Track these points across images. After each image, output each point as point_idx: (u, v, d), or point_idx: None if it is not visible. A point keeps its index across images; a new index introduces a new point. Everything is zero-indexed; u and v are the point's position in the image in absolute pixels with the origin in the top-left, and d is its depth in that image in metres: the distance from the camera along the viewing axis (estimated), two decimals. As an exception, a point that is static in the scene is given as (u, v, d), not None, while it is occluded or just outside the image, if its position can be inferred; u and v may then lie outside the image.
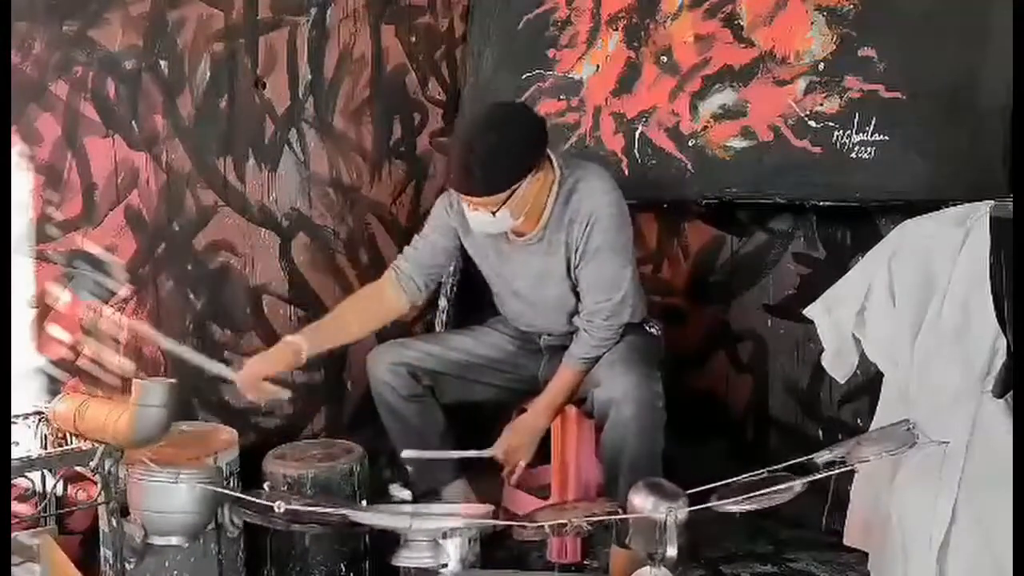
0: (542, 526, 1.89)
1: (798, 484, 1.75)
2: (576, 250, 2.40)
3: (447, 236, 2.54)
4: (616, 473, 2.31)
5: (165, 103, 2.64)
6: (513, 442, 2.43)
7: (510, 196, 2.25)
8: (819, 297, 2.11)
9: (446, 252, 2.57)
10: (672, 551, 1.76)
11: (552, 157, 2.40)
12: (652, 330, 2.59)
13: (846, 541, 2.18)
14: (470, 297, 2.90)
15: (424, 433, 2.53)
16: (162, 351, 2.65)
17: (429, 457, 2.44)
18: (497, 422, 2.78)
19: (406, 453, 2.43)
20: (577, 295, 2.47)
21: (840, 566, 2.50)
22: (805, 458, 1.83)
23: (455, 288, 3.03)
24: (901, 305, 1.95)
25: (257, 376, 2.34)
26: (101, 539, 2.09)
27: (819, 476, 1.79)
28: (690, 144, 2.75)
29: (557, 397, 2.45)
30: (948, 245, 1.88)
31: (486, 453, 2.44)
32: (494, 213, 2.27)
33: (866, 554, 2.30)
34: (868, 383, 2.47)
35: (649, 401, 2.29)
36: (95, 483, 2.06)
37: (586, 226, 2.36)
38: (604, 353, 2.42)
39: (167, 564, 2.19)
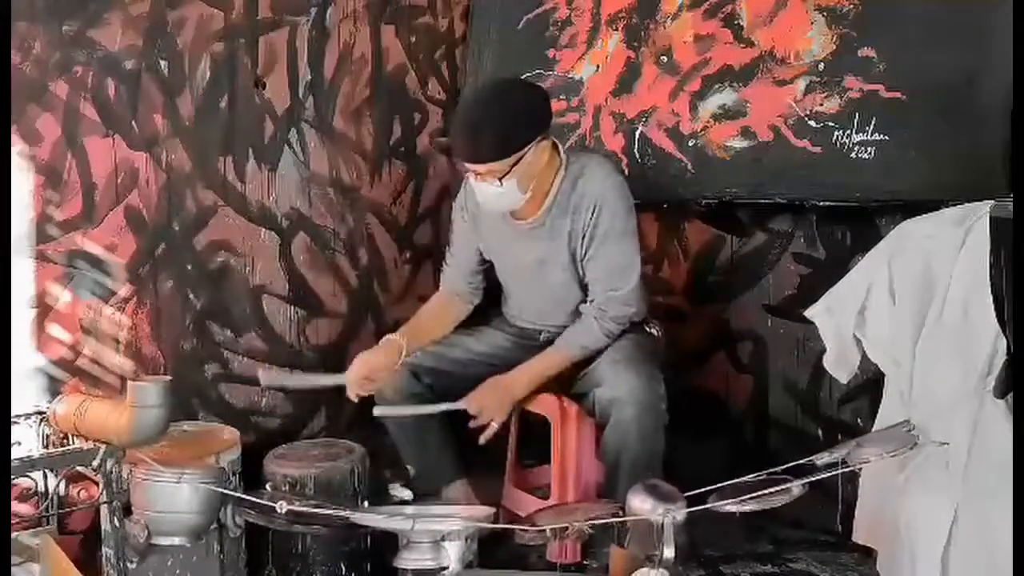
0: (543, 529, 1.89)
1: (796, 486, 1.75)
2: (583, 237, 2.40)
3: (470, 240, 2.61)
4: (616, 473, 2.31)
5: (165, 103, 2.64)
6: (486, 398, 2.41)
7: (517, 163, 2.26)
8: (819, 298, 2.12)
9: (473, 256, 2.64)
10: (669, 552, 1.76)
11: (559, 146, 2.44)
12: (652, 330, 2.59)
13: (855, 539, 2.18)
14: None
15: (426, 432, 2.53)
16: (161, 349, 2.66)
17: (399, 413, 2.47)
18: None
19: (377, 411, 2.46)
20: (582, 287, 2.47)
21: (840, 566, 2.50)
22: (805, 460, 1.83)
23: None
24: (902, 305, 1.95)
25: (364, 374, 2.46)
26: (103, 538, 2.09)
27: (818, 477, 1.79)
28: (690, 144, 2.75)
29: (542, 371, 2.46)
30: (948, 245, 1.89)
31: (458, 405, 2.43)
32: (501, 181, 2.27)
33: (866, 554, 2.31)
34: (868, 383, 2.47)
35: (652, 402, 2.29)
36: (96, 483, 2.06)
37: (592, 212, 2.37)
38: (605, 347, 2.42)
39: (169, 564, 2.19)
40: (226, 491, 2.00)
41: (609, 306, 2.42)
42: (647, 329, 2.58)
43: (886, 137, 2.39)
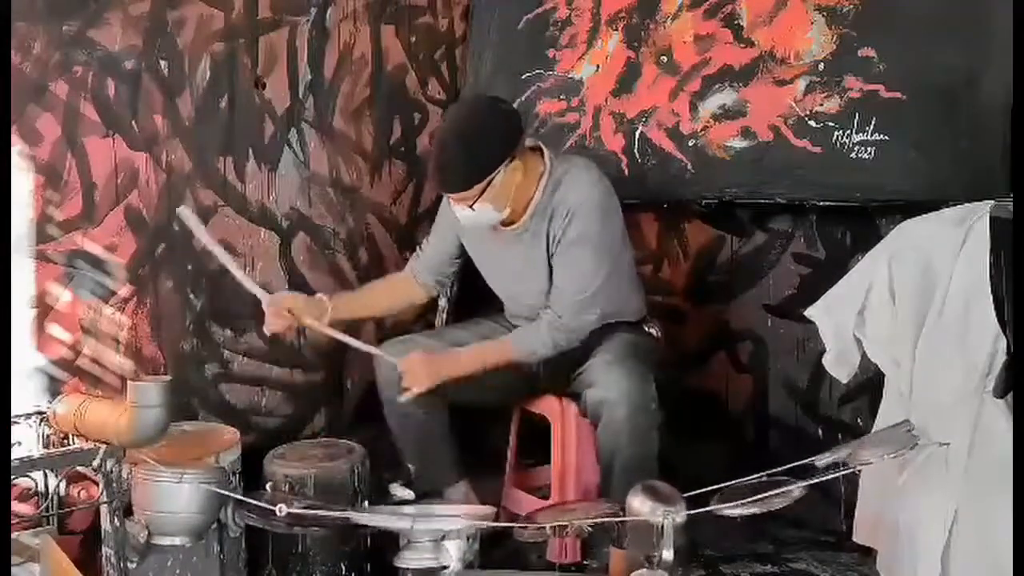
0: (543, 527, 1.89)
1: (796, 488, 1.75)
2: (555, 240, 2.39)
3: (449, 235, 2.61)
4: (611, 474, 2.31)
5: (165, 103, 2.64)
6: (417, 365, 2.39)
7: (485, 189, 2.27)
8: (819, 297, 2.12)
9: (449, 250, 2.64)
10: (668, 554, 1.76)
11: (544, 150, 2.43)
12: (651, 331, 2.59)
13: (855, 539, 2.18)
14: (470, 297, 2.90)
15: (428, 431, 2.53)
16: (161, 349, 2.66)
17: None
18: (496, 422, 2.80)
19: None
20: None
21: (840, 566, 2.50)
22: (806, 461, 1.83)
23: (455, 287, 3.02)
24: (901, 305, 1.95)
25: (285, 305, 2.44)
26: (103, 538, 2.09)
27: (819, 479, 1.79)
28: (690, 144, 2.75)
29: (482, 360, 2.42)
30: (948, 245, 1.89)
31: (388, 357, 2.43)
32: (472, 207, 2.30)
33: (866, 554, 2.31)
34: (868, 383, 2.47)
35: (643, 403, 2.28)
36: (95, 483, 2.06)
37: (566, 216, 2.36)
38: (544, 356, 2.40)
39: (169, 563, 2.18)
40: (227, 493, 2.00)
41: (566, 313, 2.38)
42: (646, 329, 2.58)
43: (886, 137, 2.38)
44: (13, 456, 1.92)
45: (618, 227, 2.46)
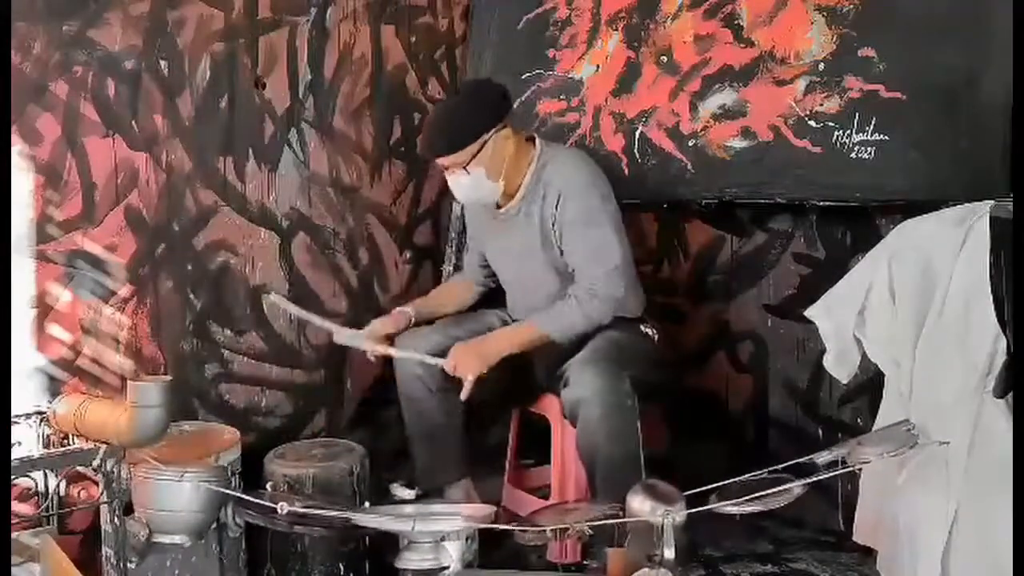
0: (544, 529, 1.89)
1: (797, 486, 1.75)
2: (553, 223, 2.45)
3: (475, 242, 2.79)
4: (594, 473, 2.31)
5: (165, 103, 2.64)
6: (462, 355, 2.42)
7: (477, 153, 2.38)
8: (819, 297, 2.12)
9: (478, 259, 2.80)
10: (669, 553, 1.76)
11: (536, 138, 2.55)
12: (647, 330, 2.58)
13: (855, 539, 2.18)
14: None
15: (442, 421, 2.54)
16: (161, 349, 2.66)
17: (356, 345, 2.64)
18: (496, 422, 2.80)
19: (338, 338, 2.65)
20: (557, 273, 2.50)
21: (840, 566, 2.50)
22: (805, 459, 1.83)
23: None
24: (901, 305, 1.95)
25: (380, 334, 2.63)
26: (103, 538, 2.09)
27: (819, 477, 1.79)
28: (690, 144, 2.75)
29: (517, 341, 2.47)
30: (948, 245, 1.89)
31: (439, 361, 2.45)
32: (466, 170, 2.40)
33: (866, 554, 2.30)
34: (868, 383, 2.47)
35: (617, 402, 2.28)
36: (95, 483, 2.06)
37: (557, 198, 2.44)
38: (586, 335, 2.42)
39: (168, 563, 2.19)
40: (228, 491, 2.00)
41: (597, 283, 2.41)
42: (641, 328, 2.58)
43: (886, 137, 2.38)
44: (13, 456, 1.92)
45: (614, 207, 2.50)
